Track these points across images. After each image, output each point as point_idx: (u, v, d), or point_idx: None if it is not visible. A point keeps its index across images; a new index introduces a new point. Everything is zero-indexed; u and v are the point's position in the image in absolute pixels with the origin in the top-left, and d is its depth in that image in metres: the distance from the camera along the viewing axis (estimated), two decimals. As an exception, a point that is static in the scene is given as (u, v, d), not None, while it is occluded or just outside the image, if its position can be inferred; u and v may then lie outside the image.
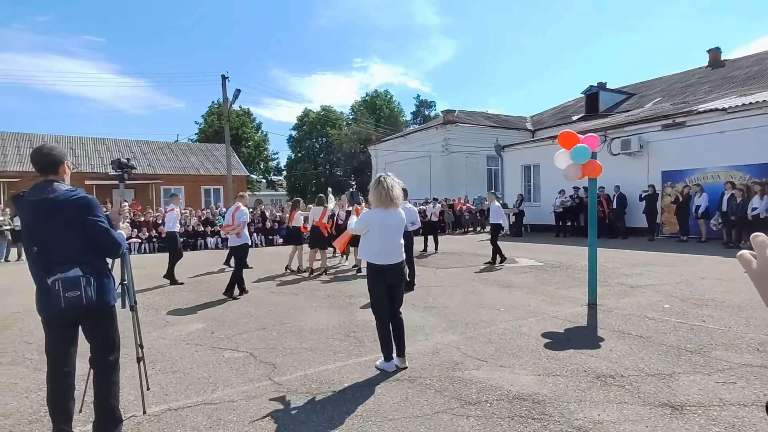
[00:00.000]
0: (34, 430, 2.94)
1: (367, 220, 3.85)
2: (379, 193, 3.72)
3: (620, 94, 24.93)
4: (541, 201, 17.89)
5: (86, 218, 2.49)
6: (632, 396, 3.15)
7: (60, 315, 2.44)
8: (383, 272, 3.75)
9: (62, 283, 2.38)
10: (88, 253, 2.51)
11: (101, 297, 2.53)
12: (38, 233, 2.45)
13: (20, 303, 6.90)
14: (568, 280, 7.74)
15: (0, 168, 22.31)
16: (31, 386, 3.65)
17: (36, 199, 2.45)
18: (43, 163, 2.55)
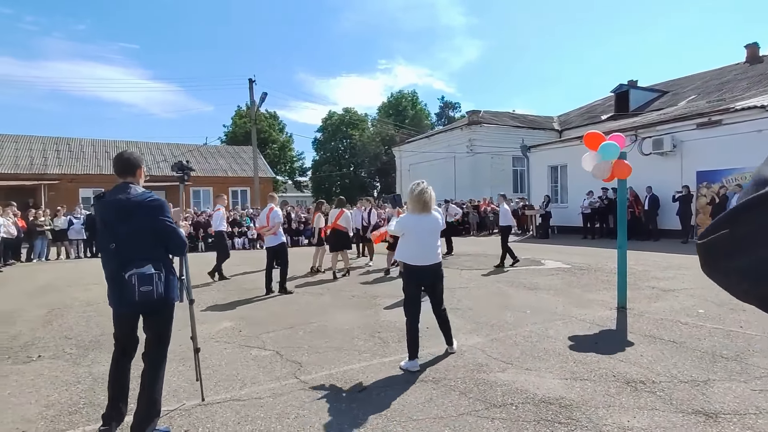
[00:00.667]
0: (74, 420, 3.08)
1: (403, 223, 4.05)
2: (414, 199, 3.95)
3: (652, 92, 24.22)
4: (569, 202, 17.55)
5: (158, 219, 2.69)
6: (664, 403, 3.06)
7: (133, 307, 2.65)
8: (418, 273, 3.96)
9: (138, 277, 2.57)
10: (158, 251, 2.72)
11: (168, 293, 2.73)
12: (117, 231, 2.65)
13: (60, 300, 7.22)
14: (597, 282, 7.57)
15: (41, 171, 23.33)
16: (71, 379, 3.82)
17: (115, 199, 2.67)
18: (123, 166, 2.80)
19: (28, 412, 3.22)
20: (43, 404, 3.35)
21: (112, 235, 2.66)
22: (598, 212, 15.33)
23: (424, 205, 3.96)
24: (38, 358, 4.39)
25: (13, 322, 5.87)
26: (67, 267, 11.85)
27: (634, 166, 5.95)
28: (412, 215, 4.02)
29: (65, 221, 13.96)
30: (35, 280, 9.47)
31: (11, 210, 12.47)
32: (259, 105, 24.47)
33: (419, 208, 3.97)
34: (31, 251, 13.33)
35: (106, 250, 2.73)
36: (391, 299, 6.68)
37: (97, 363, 4.20)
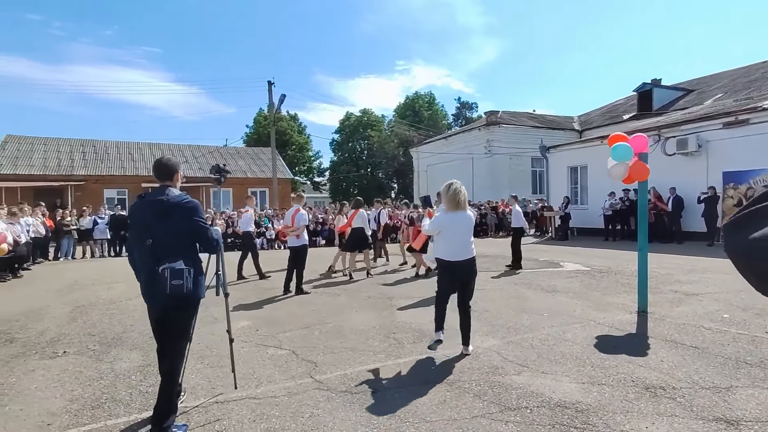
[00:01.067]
0: (96, 414, 3.16)
1: (438, 222, 4.28)
2: (449, 198, 4.19)
3: (676, 91, 23.64)
4: (589, 203, 17.26)
5: (192, 219, 2.88)
6: (684, 409, 2.99)
7: (164, 300, 2.77)
8: (453, 268, 4.17)
9: (170, 272, 2.72)
10: (190, 250, 2.90)
11: (195, 290, 2.86)
12: (154, 229, 2.82)
13: (85, 298, 7.43)
14: (617, 285, 7.43)
15: (68, 172, 24.06)
16: (94, 375, 3.93)
17: (155, 200, 2.88)
18: (162, 171, 3.01)
19: (53, 405, 3.33)
20: (67, 398, 3.45)
21: (150, 233, 2.83)
22: (619, 214, 15.03)
23: (457, 204, 4.18)
24: (63, 354, 4.53)
25: (41, 318, 6.07)
26: (92, 266, 12.18)
27: (658, 166, 5.85)
28: (447, 213, 4.23)
29: (90, 221, 14.35)
30: (62, 278, 9.76)
31: (40, 210, 12.87)
32: (277, 107, 24.75)
33: (453, 207, 4.19)
34: (58, 250, 13.74)
35: (140, 246, 2.87)
36: (407, 300, 6.68)
37: (118, 360, 4.31)
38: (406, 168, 41.32)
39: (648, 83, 23.80)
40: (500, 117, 26.56)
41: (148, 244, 2.81)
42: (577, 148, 18.73)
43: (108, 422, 3.04)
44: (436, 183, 28.13)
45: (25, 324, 5.76)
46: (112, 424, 3.02)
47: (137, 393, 3.52)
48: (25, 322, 5.88)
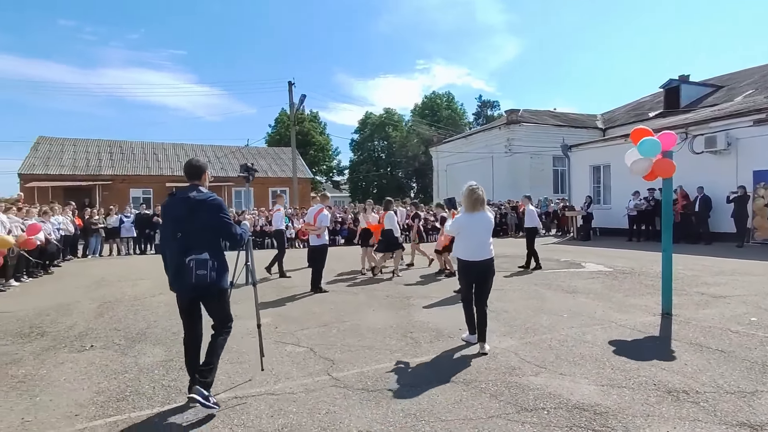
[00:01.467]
0: (121, 407, 3.27)
1: (458, 223, 4.44)
2: (466, 199, 4.37)
3: (705, 87, 22.96)
4: (612, 203, 16.90)
5: (218, 215, 3.15)
6: (707, 414, 2.91)
7: (190, 288, 3.06)
8: (471, 267, 4.32)
9: (196, 262, 3.00)
10: (214, 243, 3.15)
11: (219, 279, 3.14)
12: (184, 223, 3.10)
13: (111, 294, 7.66)
14: (640, 287, 7.26)
15: (95, 172, 24.80)
16: (119, 368, 4.05)
17: (185, 197, 3.17)
18: (192, 171, 3.32)
19: (80, 397, 3.45)
20: (94, 390, 3.57)
21: (179, 227, 3.10)
22: (644, 214, 14.68)
23: (474, 204, 4.33)
24: (91, 348, 4.68)
25: (70, 313, 6.28)
26: (118, 263, 12.54)
27: (685, 165, 5.72)
28: (465, 214, 4.39)
29: (117, 220, 14.77)
30: (89, 275, 10.08)
31: (70, 209, 13.31)
32: (297, 107, 25.00)
33: (471, 208, 4.34)
34: (87, 248, 14.19)
35: (170, 239, 3.14)
36: (425, 300, 6.68)
37: (142, 354, 4.44)
38: (425, 167, 41.22)
39: (675, 79, 23.18)
40: (521, 115, 26.24)
41: (178, 238, 3.08)
42: (600, 146, 18.36)
43: (132, 414, 3.14)
44: (456, 183, 28.00)
45: (56, 318, 5.98)
46: (135, 416, 3.11)
47: (160, 387, 3.61)
48: (56, 316, 6.10)
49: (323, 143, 48.46)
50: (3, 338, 5.11)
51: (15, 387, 3.67)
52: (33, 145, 25.64)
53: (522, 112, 26.92)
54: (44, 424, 3.03)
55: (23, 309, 6.56)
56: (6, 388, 3.65)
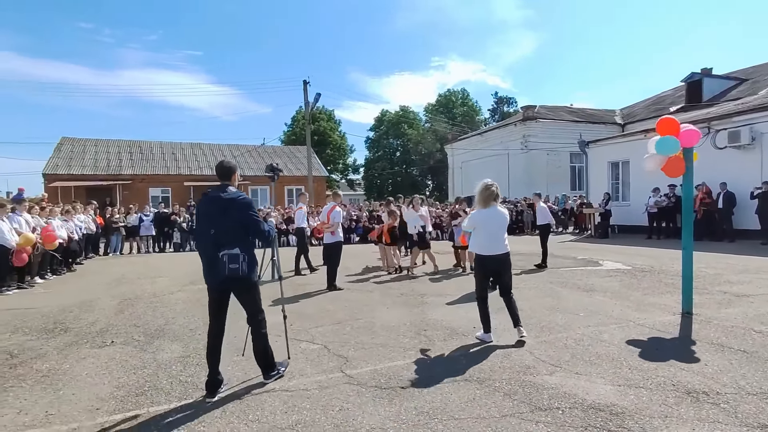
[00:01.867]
0: (140, 402, 3.34)
1: (473, 219, 4.59)
2: (479, 196, 4.51)
3: (728, 81, 22.33)
4: (631, 200, 16.58)
5: (247, 213, 3.39)
6: (728, 415, 2.85)
7: (223, 281, 3.29)
8: (486, 261, 4.47)
9: (228, 257, 3.23)
10: (244, 239, 3.38)
11: (249, 272, 3.37)
12: (216, 221, 3.37)
13: (131, 291, 7.83)
14: (660, 285, 7.12)
15: (116, 172, 25.34)
16: (138, 364, 4.14)
17: (217, 196, 3.42)
18: (223, 171, 3.57)
19: (101, 391, 3.54)
20: (114, 385, 3.66)
21: (212, 224, 3.36)
22: (665, 211, 14.37)
23: (486, 200, 4.46)
24: (111, 344, 4.80)
25: (92, 309, 6.44)
26: (138, 261, 12.80)
27: (707, 160, 5.56)
28: (480, 210, 4.52)
29: (136, 218, 15.08)
30: (110, 272, 10.31)
31: (92, 208, 13.63)
32: (312, 106, 25.12)
33: (484, 203, 4.48)
34: (108, 246, 14.53)
35: (204, 235, 3.41)
36: (439, 298, 6.66)
37: (161, 350, 4.53)
38: (440, 165, 41.04)
39: (697, 73, 22.60)
40: (537, 112, 25.92)
41: (211, 234, 3.33)
42: (619, 142, 18.02)
43: (150, 409, 3.21)
44: (471, 180, 27.80)
45: (78, 315, 6.14)
46: (153, 410, 3.18)
47: (177, 382, 3.68)
48: (78, 313, 6.26)
49: (339, 142, 48.60)
50: (29, 333, 5.27)
51: (39, 381, 3.78)
52: (56, 146, 26.31)
53: (538, 108, 26.59)
54: (67, 417, 3.11)
55: (48, 305, 6.75)
56: (31, 382, 3.76)
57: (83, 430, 2.93)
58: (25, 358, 4.37)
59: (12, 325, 5.63)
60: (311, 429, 2.85)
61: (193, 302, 6.73)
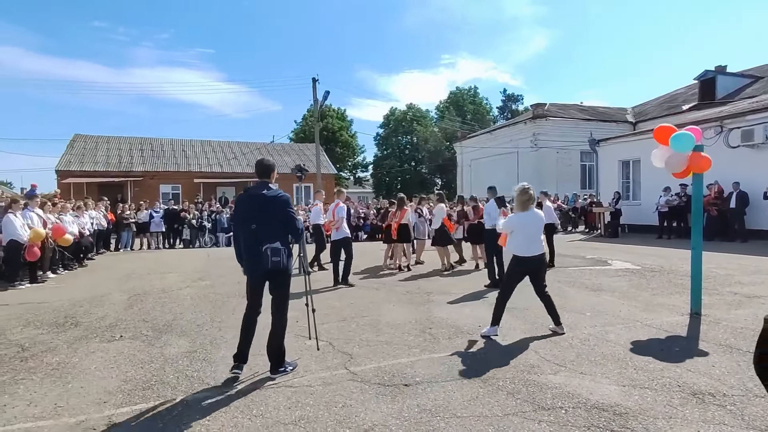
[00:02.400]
0: (147, 395, 3.39)
1: (511, 222, 4.75)
2: (518, 200, 4.67)
3: (743, 78, 21.97)
4: (642, 199, 16.40)
5: (285, 210, 3.65)
6: (734, 417, 2.82)
7: (266, 272, 3.58)
8: (526, 262, 4.60)
9: (271, 251, 3.50)
10: (283, 234, 3.65)
11: (287, 264, 3.65)
12: (257, 217, 3.60)
13: (140, 286, 7.93)
14: (669, 286, 7.05)
15: (127, 169, 25.61)
16: (146, 358, 4.20)
17: (257, 194, 3.65)
18: (262, 170, 3.78)
19: (109, 385, 3.60)
20: (122, 379, 3.72)
21: (253, 220, 3.60)
22: (676, 211, 14.19)
23: (525, 204, 4.64)
24: (120, 338, 4.87)
25: (102, 304, 6.54)
26: (148, 257, 12.94)
27: (720, 159, 5.52)
28: (519, 214, 4.69)
29: (147, 215, 15.24)
30: (121, 268, 10.45)
31: (103, 204, 13.81)
32: (321, 103, 25.17)
33: (522, 207, 4.65)
34: (119, 242, 14.71)
35: (245, 230, 3.64)
36: (444, 296, 6.66)
37: (168, 345, 4.58)
38: (449, 163, 40.91)
39: (711, 70, 22.27)
40: (547, 110, 25.70)
41: (252, 229, 3.58)
42: (630, 140, 17.82)
43: (156, 402, 3.25)
44: (480, 178, 27.74)
45: (89, 309, 6.23)
46: (160, 404, 3.23)
47: (183, 377, 3.73)
48: (89, 307, 6.35)
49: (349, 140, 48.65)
50: (40, 327, 5.36)
51: (49, 374, 3.85)
52: (69, 143, 26.66)
53: (548, 106, 26.37)
54: (75, 409, 3.17)
55: (59, 299, 6.87)
56: (41, 375, 3.83)
57: (91, 422, 2.98)
58: (36, 351, 4.45)
59: (24, 319, 5.73)
60: (314, 425, 2.88)
61: (201, 298, 6.80)
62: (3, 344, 4.72)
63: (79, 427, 2.93)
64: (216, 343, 4.61)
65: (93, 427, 2.91)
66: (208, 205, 17.33)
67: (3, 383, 3.66)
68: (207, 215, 16.34)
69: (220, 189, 26.27)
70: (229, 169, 27.73)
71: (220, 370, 3.84)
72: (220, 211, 16.81)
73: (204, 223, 16.03)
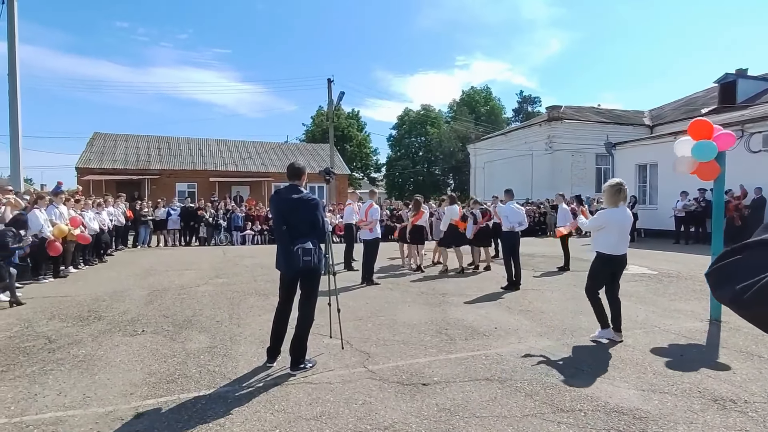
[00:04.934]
0: (171, 388, 3.48)
1: (604, 218, 4.59)
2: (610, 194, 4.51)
3: (764, 82, 21.51)
4: (659, 204, 16.19)
5: (315, 212, 3.80)
6: (756, 424, 2.80)
7: (297, 271, 3.73)
8: (613, 260, 4.49)
9: (302, 250, 3.65)
10: (313, 234, 3.78)
11: (318, 263, 3.78)
12: (288, 218, 3.76)
13: (159, 282, 8.07)
14: (687, 292, 6.97)
15: (144, 167, 26.02)
16: (168, 352, 4.30)
17: (288, 197, 3.81)
18: (293, 173, 3.95)
19: (134, 377, 3.70)
20: (146, 372, 3.81)
21: (285, 220, 3.77)
22: (693, 216, 13.99)
23: (617, 200, 4.49)
24: (142, 332, 4.98)
25: (123, 299, 6.68)
26: (165, 253, 13.15)
27: (741, 164, 5.43)
28: (610, 210, 4.53)
29: (164, 212, 15.48)
30: (139, 264, 10.64)
31: (122, 201, 14.06)
32: (336, 104, 25.33)
33: (614, 203, 4.50)
34: (137, 238, 14.97)
35: (279, 230, 3.84)
36: (460, 297, 6.67)
37: (189, 340, 4.68)
38: (462, 164, 40.79)
39: (731, 74, 21.85)
40: (563, 112, 25.48)
41: (284, 229, 3.75)
42: (647, 144, 17.61)
43: (180, 395, 3.34)
44: (494, 180, 27.62)
45: (110, 304, 6.38)
46: (184, 397, 3.31)
47: (205, 371, 3.81)
48: (110, 302, 6.50)
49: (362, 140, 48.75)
50: (65, 320, 5.51)
51: (77, 366, 3.97)
52: (89, 141, 27.19)
53: (564, 109, 26.13)
54: (103, 400, 3.27)
55: (81, 294, 7.03)
56: (69, 366, 3.95)
57: (119, 413, 3.07)
58: (62, 344, 4.58)
59: (49, 312, 5.89)
60: (335, 421, 2.93)
61: (219, 295, 6.91)
62: (31, 336, 4.87)
63: (108, 417, 3.02)
64: (235, 339, 4.69)
65: (121, 418, 3.00)
66: (223, 204, 17.53)
67: (33, 374, 3.78)
68: (222, 213, 16.54)
69: (235, 188, 26.57)
70: (244, 169, 28.01)
71: (241, 365, 3.92)
72: (235, 209, 17.00)
73: (219, 221, 16.22)
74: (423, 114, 50.22)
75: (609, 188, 4.55)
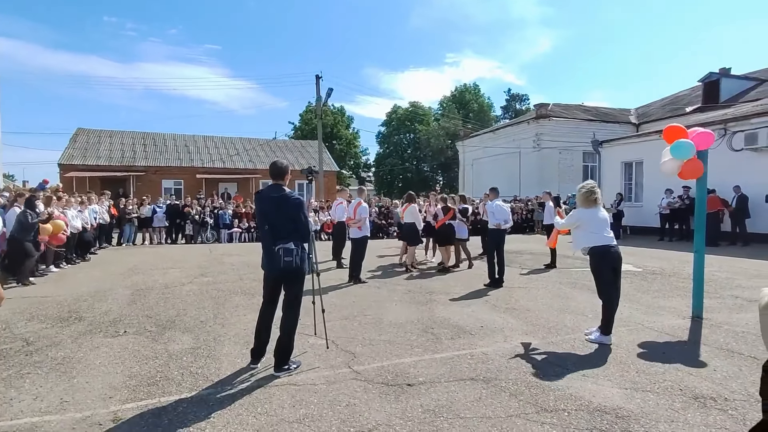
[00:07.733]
0: (152, 391, 3.41)
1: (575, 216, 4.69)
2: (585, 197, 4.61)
3: (747, 81, 21.85)
4: (644, 201, 16.40)
5: (298, 212, 3.72)
6: (735, 422, 2.84)
7: (279, 271, 3.66)
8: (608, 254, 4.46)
9: (283, 250, 3.59)
10: (296, 234, 3.70)
11: (301, 265, 3.72)
12: (271, 218, 3.71)
13: (143, 281, 7.94)
14: (670, 289, 7.06)
15: (129, 163, 25.63)
16: (150, 354, 4.22)
17: (270, 196, 3.76)
18: (276, 171, 3.85)
19: (114, 380, 3.62)
20: (126, 374, 3.74)
21: (267, 220, 3.71)
22: (677, 213, 14.19)
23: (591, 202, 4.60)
24: (124, 333, 4.89)
25: (105, 299, 6.56)
26: (150, 252, 12.97)
27: (723, 162, 5.50)
28: (582, 209, 4.62)
29: (149, 210, 15.25)
30: (123, 262, 10.47)
31: (105, 199, 13.81)
32: (324, 100, 25.16)
33: (588, 204, 4.60)
34: (121, 236, 14.73)
35: (262, 229, 3.80)
36: (447, 296, 6.68)
37: (172, 341, 4.61)
38: (451, 161, 40.88)
39: (715, 73, 22.17)
40: (551, 110, 25.63)
41: (266, 229, 3.69)
42: (632, 142, 17.81)
43: (161, 399, 3.28)
44: (482, 177, 27.73)
45: (92, 304, 6.25)
46: (165, 400, 3.25)
47: (188, 373, 3.75)
48: (92, 302, 6.38)
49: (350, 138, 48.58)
50: (44, 321, 5.39)
51: (55, 368, 3.88)
52: (72, 137, 26.68)
53: (552, 107, 26.29)
54: (81, 405, 3.19)
55: (62, 294, 6.89)
56: (47, 369, 3.86)
57: (97, 418, 3.00)
58: (40, 346, 4.47)
59: (28, 313, 5.75)
60: (318, 423, 2.90)
61: (204, 294, 6.82)
62: (8, 338, 4.75)
63: (85, 422, 2.95)
64: (219, 340, 4.63)
65: (99, 423, 2.94)
66: (210, 201, 17.33)
67: (9, 377, 3.69)
68: (209, 211, 16.35)
69: (222, 185, 26.29)
70: (231, 165, 27.75)
71: (224, 367, 3.87)
72: (222, 207, 16.82)
73: (206, 218, 16.04)
74: (411, 111, 50.19)
75: (581, 194, 4.64)
